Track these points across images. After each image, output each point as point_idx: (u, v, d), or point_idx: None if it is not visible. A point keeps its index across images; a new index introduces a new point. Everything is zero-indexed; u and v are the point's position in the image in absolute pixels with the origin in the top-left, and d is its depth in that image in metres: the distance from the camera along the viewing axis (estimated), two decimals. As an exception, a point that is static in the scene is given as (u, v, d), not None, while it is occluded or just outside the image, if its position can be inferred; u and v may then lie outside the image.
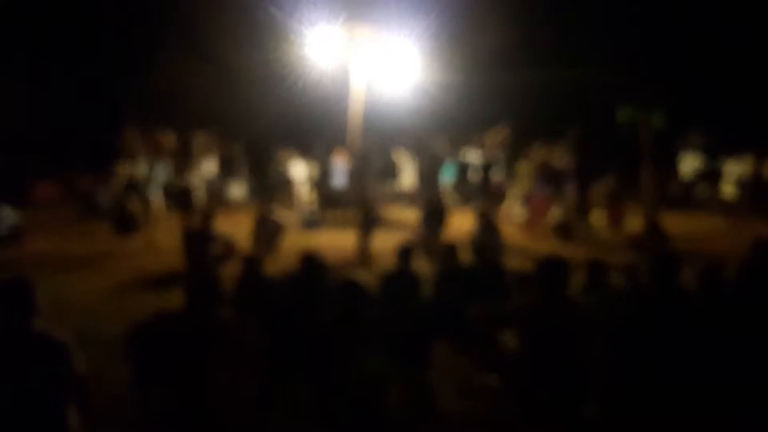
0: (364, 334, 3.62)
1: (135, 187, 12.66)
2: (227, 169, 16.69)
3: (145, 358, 3.38)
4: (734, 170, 14.17)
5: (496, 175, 13.93)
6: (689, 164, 16.02)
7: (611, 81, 19.14)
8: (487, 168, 13.77)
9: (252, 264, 5.53)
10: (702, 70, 20.08)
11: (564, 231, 11.05)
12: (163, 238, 10.74)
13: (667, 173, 17.95)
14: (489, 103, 17.80)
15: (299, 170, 15.28)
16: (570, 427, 3.48)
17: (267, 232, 9.54)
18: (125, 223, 11.23)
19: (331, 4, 14.44)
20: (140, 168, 13.06)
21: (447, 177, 14.97)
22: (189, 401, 3.20)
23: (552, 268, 3.69)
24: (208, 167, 15.87)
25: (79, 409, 3.00)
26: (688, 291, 3.60)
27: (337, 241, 10.56)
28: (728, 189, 14.30)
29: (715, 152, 16.45)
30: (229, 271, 5.99)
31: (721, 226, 12.86)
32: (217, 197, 16.34)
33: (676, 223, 12.26)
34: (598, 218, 12.42)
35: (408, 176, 15.52)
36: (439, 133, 16.49)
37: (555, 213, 12.24)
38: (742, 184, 13.65)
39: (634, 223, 11.44)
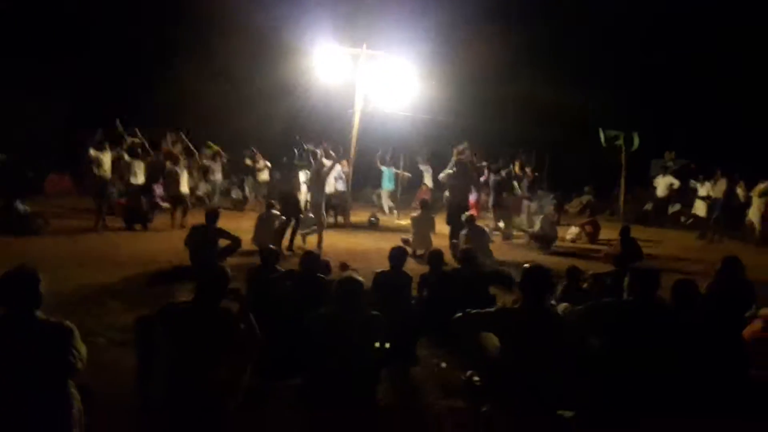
0: (359, 329, 3.60)
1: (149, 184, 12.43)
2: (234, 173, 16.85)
3: (151, 348, 3.33)
4: (706, 191, 14.20)
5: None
6: (663, 183, 16.06)
7: (592, 103, 19.34)
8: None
9: (269, 256, 5.52)
10: (681, 95, 20.24)
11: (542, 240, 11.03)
12: (173, 233, 10.71)
13: (642, 191, 18.06)
14: (478, 120, 17.98)
15: (300, 176, 15.25)
16: (547, 428, 3.46)
17: (269, 228, 9.51)
18: (135, 217, 11.18)
19: (336, 26, 14.59)
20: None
21: (387, 185, 15.60)
22: (190, 392, 3.16)
23: (535, 275, 3.68)
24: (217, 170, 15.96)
25: (83, 395, 2.95)
26: (664, 304, 3.59)
27: (335, 243, 10.51)
28: (700, 208, 14.34)
29: (688, 173, 16.53)
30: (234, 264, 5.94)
31: (692, 243, 12.88)
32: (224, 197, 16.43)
33: (650, 239, 12.31)
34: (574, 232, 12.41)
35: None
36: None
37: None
38: (713, 204, 13.68)
39: (609, 237, 11.47)
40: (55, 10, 18.89)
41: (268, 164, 16.25)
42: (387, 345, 3.66)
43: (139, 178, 12.17)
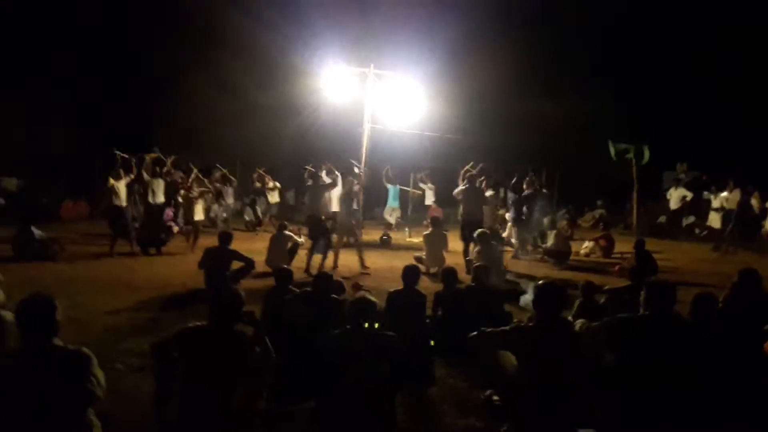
0: (373, 349, 3.58)
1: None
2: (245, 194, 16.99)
3: (169, 374, 3.34)
4: (720, 202, 14.07)
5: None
6: (676, 196, 15.93)
7: (601, 117, 19.31)
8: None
9: (283, 277, 5.55)
10: (692, 106, 20.16)
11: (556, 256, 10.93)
12: (187, 256, 10.76)
13: (654, 204, 17.95)
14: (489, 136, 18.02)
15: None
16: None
17: (282, 249, 9.53)
18: (150, 240, 11.25)
19: (343, 47, 14.74)
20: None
21: (392, 202, 15.57)
22: (206, 416, 3.16)
23: (549, 292, 3.67)
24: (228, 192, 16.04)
25: (103, 422, 2.95)
26: (681, 318, 3.55)
27: (348, 262, 10.49)
28: (715, 220, 14.20)
29: (700, 185, 16.41)
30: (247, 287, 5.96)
31: (706, 255, 12.74)
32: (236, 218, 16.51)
33: (664, 251, 12.19)
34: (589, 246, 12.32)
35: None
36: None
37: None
38: (727, 216, 13.54)
39: (624, 250, 11.35)
40: (55, 10, 19.08)
41: (278, 184, 16.41)
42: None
43: (159, 197, 12.15)
